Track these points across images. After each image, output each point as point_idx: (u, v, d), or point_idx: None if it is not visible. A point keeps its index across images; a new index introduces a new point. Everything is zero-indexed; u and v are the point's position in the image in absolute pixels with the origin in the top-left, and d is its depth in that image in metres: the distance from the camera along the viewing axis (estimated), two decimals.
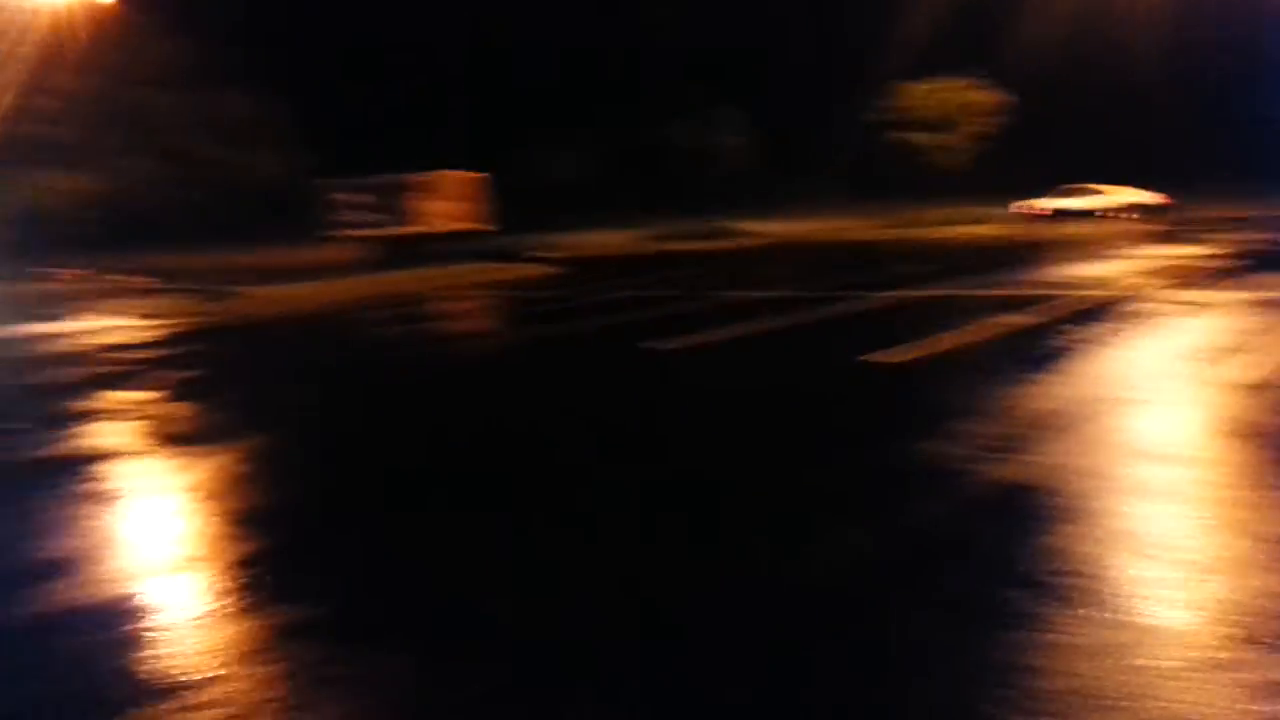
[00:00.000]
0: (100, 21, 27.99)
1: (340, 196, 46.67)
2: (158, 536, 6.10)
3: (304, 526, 6.13)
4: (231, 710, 3.71)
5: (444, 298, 22.64)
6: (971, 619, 4.15)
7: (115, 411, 10.37)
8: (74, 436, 9.06)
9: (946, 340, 11.13)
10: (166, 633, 4.46)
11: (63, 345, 17.43)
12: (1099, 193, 35.02)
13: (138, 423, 9.70)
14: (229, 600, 4.81)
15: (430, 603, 4.75)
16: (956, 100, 38.34)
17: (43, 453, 8.47)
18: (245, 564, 5.33)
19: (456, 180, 45.43)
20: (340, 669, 4.03)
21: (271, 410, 10.34)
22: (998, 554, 4.81)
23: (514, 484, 6.79)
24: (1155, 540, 4.83)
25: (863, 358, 10.20)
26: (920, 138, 38.76)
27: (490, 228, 43.72)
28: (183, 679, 3.99)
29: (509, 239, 40.01)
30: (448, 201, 45.45)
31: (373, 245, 45.28)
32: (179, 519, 6.39)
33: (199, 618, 4.62)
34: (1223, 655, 3.70)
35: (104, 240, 40.57)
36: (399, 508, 6.41)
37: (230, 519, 6.22)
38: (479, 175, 45.05)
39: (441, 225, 44.68)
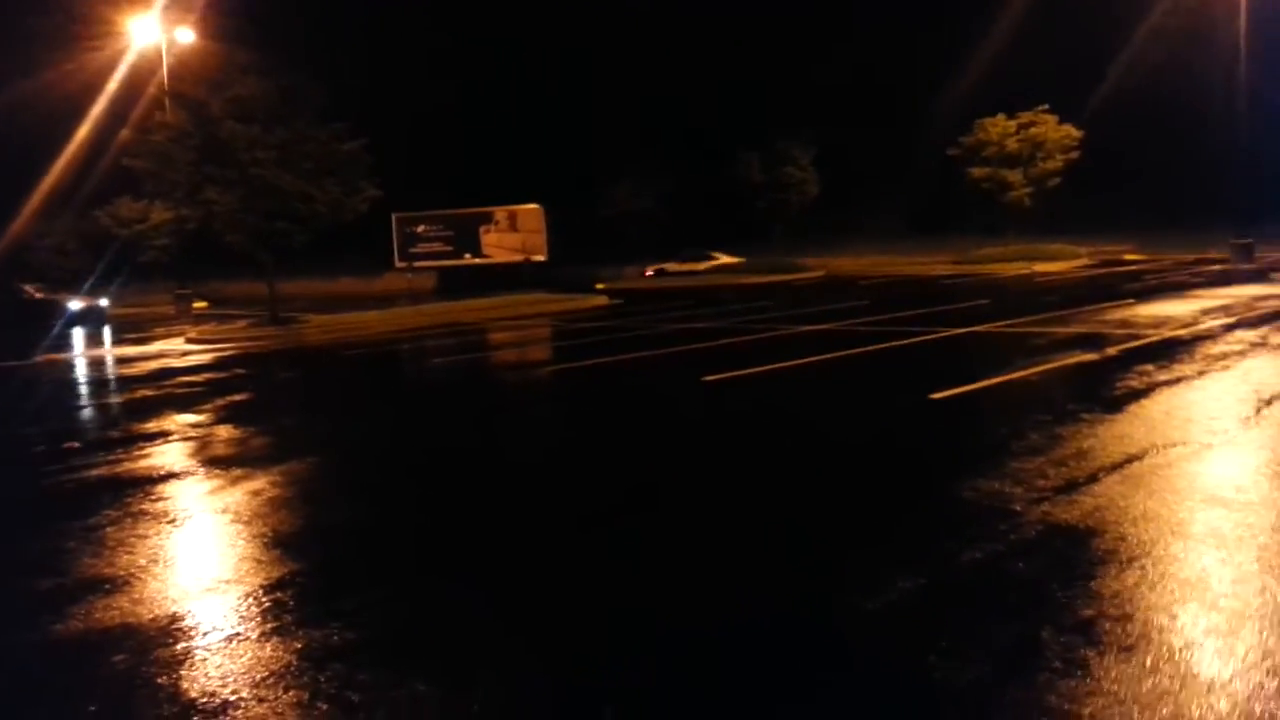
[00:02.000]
0: (190, 59, 29.21)
1: (413, 229, 47.93)
2: (195, 557, 6.14)
3: (337, 551, 6.11)
4: None
5: (504, 327, 22.81)
6: (1025, 664, 3.91)
7: (171, 433, 10.57)
8: (129, 458, 9.25)
9: (1012, 375, 10.79)
10: (198, 654, 4.45)
11: (132, 368, 17.96)
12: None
13: (190, 444, 9.88)
14: (258, 623, 4.79)
15: (461, 631, 4.67)
16: (1035, 135, 37.61)
17: (97, 473, 8.66)
18: (276, 586, 5.32)
19: (525, 214, 46.18)
20: (365, 695, 3.96)
21: (319, 435, 10.44)
22: (1053, 596, 4.55)
23: (558, 515, 6.70)
24: (1215, 588, 4.53)
25: (930, 395, 9.89)
26: (994, 172, 38.07)
27: (553, 259, 44.31)
28: (209, 701, 3.96)
29: (575, 270, 40.39)
30: (516, 234, 46.21)
31: (441, 275, 46.34)
32: (217, 541, 6.42)
33: (229, 639, 4.60)
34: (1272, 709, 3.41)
35: (187, 269, 42.08)
36: (435, 535, 6.36)
37: (265, 542, 6.23)
38: (547, 209, 45.74)
39: (509, 256, 45.44)
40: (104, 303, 31.32)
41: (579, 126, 50.80)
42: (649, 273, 43.66)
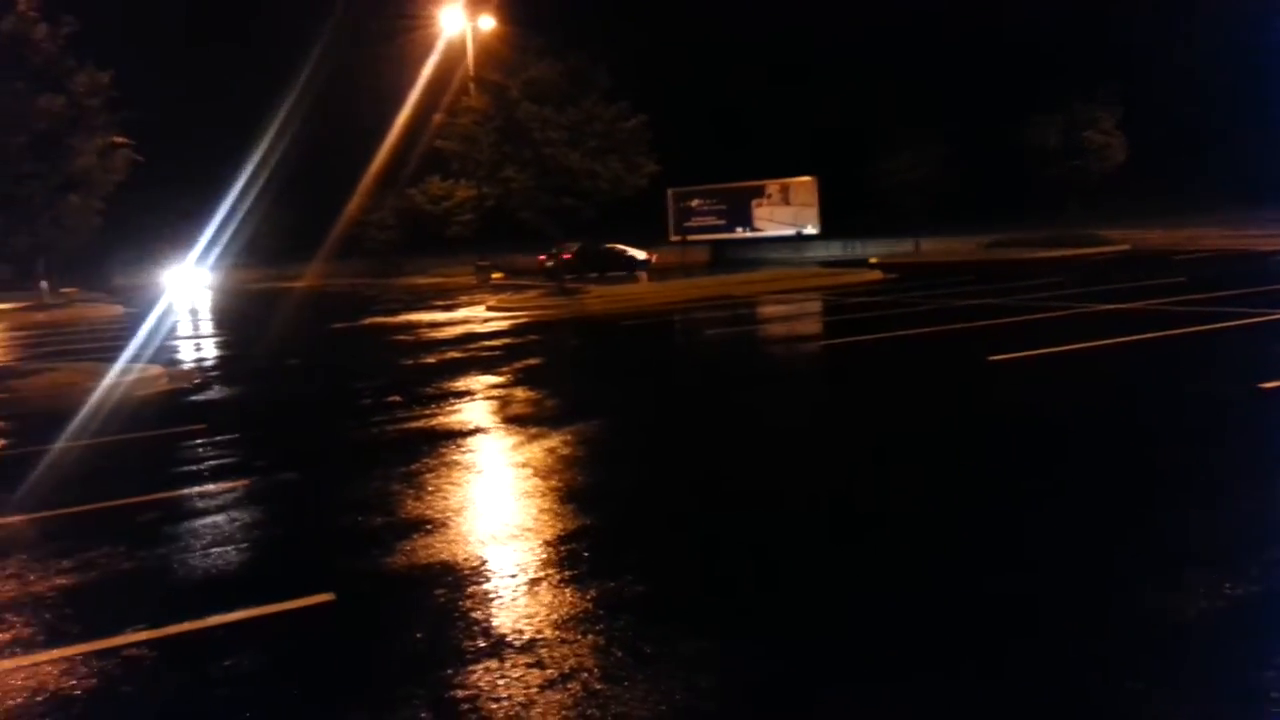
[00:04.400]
0: (491, 45, 31.54)
1: (688, 203, 49.06)
2: (500, 506, 6.70)
3: (625, 508, 6.45)
4: (550, 673, 3.97)
5: (776, 300, 22.80)
6: None
7: (472, 393, 11.56)
8: (436, 414, 10.22)
9: None
10: (505, 594, 4.89)
11: (442, 332, 19.78)
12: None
13: (488, 403, 10.76)
14: (556, 570, 5.17)
15: (742, 593, 4.79)
16: None
17: (413, 425, 9.66)
18: (571, 538, 5.71)
19: (797, 186, 45.84)
20: (650, 646, 4.17)
21: (604, 399, 11.00)
22: None
23: (830, 490, 6.67)
24: None
25: (1260, 384, 8.79)
26: None
27: (825, 232, 43.64)
28: (511, 638, 4.34)
29: (848, 243, 39.56)
30: (788, 206, 46.02)
31: (715, 248, 47.15)
32: (518, 492, 6.98)
33: (528, 583, 5.01)
34: None
35: (486, 242, 45.53)
36: (713, 498, 6.54)
37: (560, 496, 6.69)
38: (821, 180, 45.08)
39: (780, 229, 45.37)
40: (644, 255, 37.19)
41: (856, 94, 49.33)
42: (542, 257, 37.75)
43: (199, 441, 9.40)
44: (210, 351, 18.63)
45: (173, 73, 50.95)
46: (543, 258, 36.89)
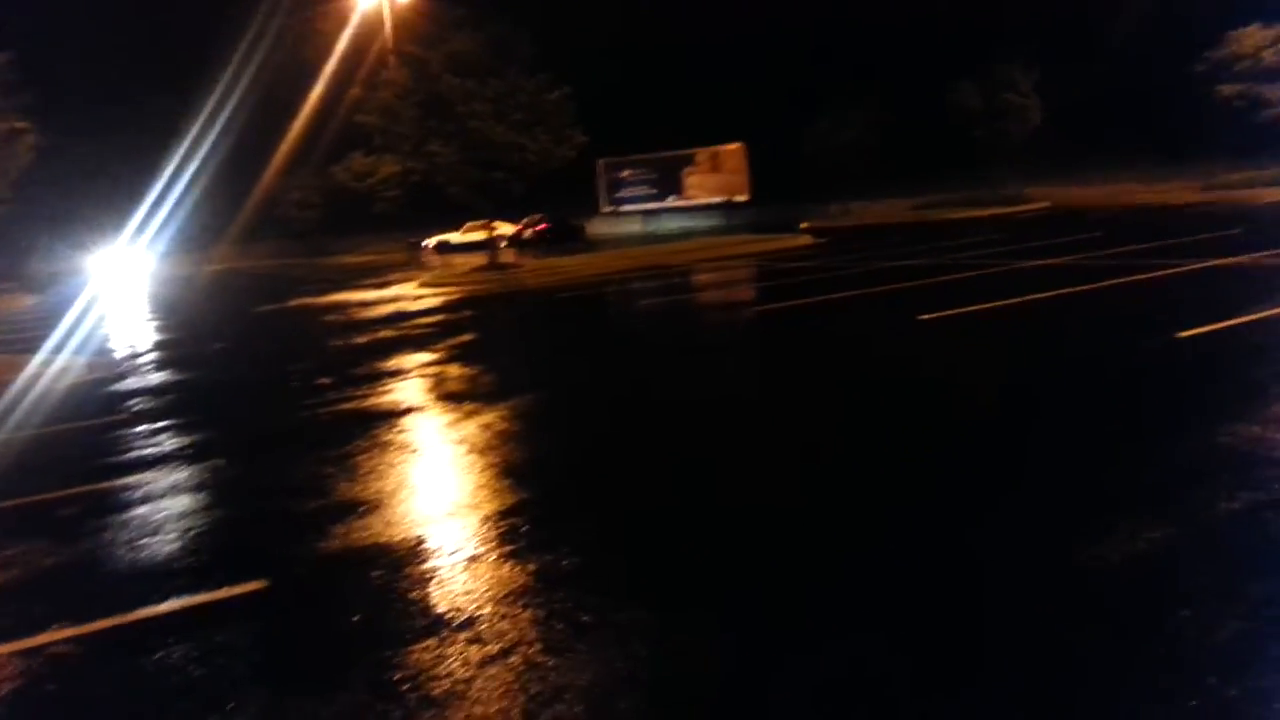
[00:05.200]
0: (406, 17, 30.83)
1: (619, 174, 48.84)
2: (436, 485, 6.63)
3: (562, 481, 6.43)
4: (490, 649, 3.94)
5: (708, 269, 22.88)
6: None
7: (404, 371, 11.39)
8: (368, 395, 10.06)
9: (1274, 311, 9.74)
10: (443, 573, 4.84)
11: (367, 312, 19.44)
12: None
13: (422, 381, 10.62)
14: (491, 546, 5.13)
15: (678, 562, 4.81)
16: None
17: (345, 406, 9.49)
18: (507, 514, 5.67)
19: (726, 154, 45.92)
20: (590, 617, 4.18)
21: (540, 374, 10.93)
22: None
23: (771, 454, 6.73)
24: None
25: (1177, 334, 9.09)
26: (1247, 89, 33.99)
27: (755, 199, 43.85)
28: (450, 616, 4.30)
29: (777, 209, 39.78)
30: (717, 174, 46.09)
31: (645, 218, 47.08)
32: (454, 470, 6.91)
33: (466, 561, 4.96)
34: None
35: (414, 218, 44.78)
36: (648, 470, 6.55)
37: (497, 471, 6.64)
38: (747, 147, 45.20)
39: (710, 197, 45.45)
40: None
41: (780, 59, 49.45)
42: (429, 244, 43.11)
43: (122, 432, 9.11)
44: (132, 339, 18.04)
45: (82, 54, 48.82)
46: (519, 227, 38.19)
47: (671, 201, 46.99)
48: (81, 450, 8.54)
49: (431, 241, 44.10)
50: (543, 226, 40.84)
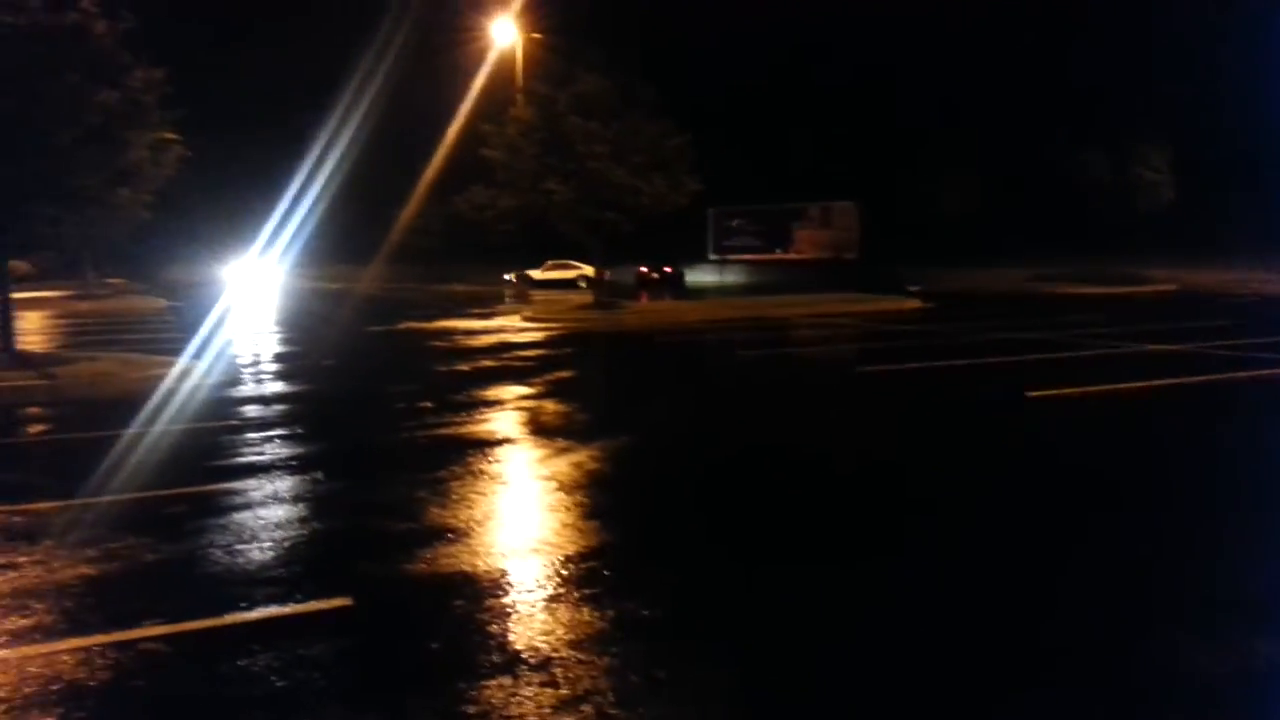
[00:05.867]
0: (538, 55, 31.83)
1: (729, 223, 49.04)
2: (523, 518, 6.66)
3: (646, 528, 6.38)
4: (564, 694, 3.90)
5: (810, 325, 22.65)
6: None
7: (502, 402, 11.55)
8: (467, 421, 10.22)
9: None
10: (523, 609, 4.83)
11: (471, 340, 19.86)
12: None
13: (518, 414, 10.74)
14: (572, 588, 5.10)
15: (763, 624, 4.69)
16: None
17: (442, 432, 9.66)
18: (590, 555, 5.65)
19: (838, 210, 45.65)
20: (665, 673, 4.09)
21: (634, 415, 10.94)
22: None
23: (864, 515, 6.55)
24: None
25: None
26: None
27: (865, 259, 43.34)
28: (527, 655, 4.28)
29: (883, 270, 39.22)
30: (828, 230, 45.84)
31: (752, 269, 47.04)
32: (538, 505, 6.93)
33: (546, 600, 4.95)
34: None
35: (525, 252, 45.82)
36: (736, 523, 6.44)
37: (583, 511, 6.63)
38: (858, 206, 44.82)
39: (818, 253, 45.15)
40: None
41: (896, 117, 49.02)
42: (510, 278, 45.44)
43: (230, 438, 9.47)
44: (250, 347, 18.83)
45: (227, 74, 51.94)
46: (644, 269, 41.35)
47: (778, 254, 46.90)
48: (189, 452, 8.90)
49: (513, 276, 45.92)
50: (668, 269, 41.84)
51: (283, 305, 34.73)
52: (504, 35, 34.40)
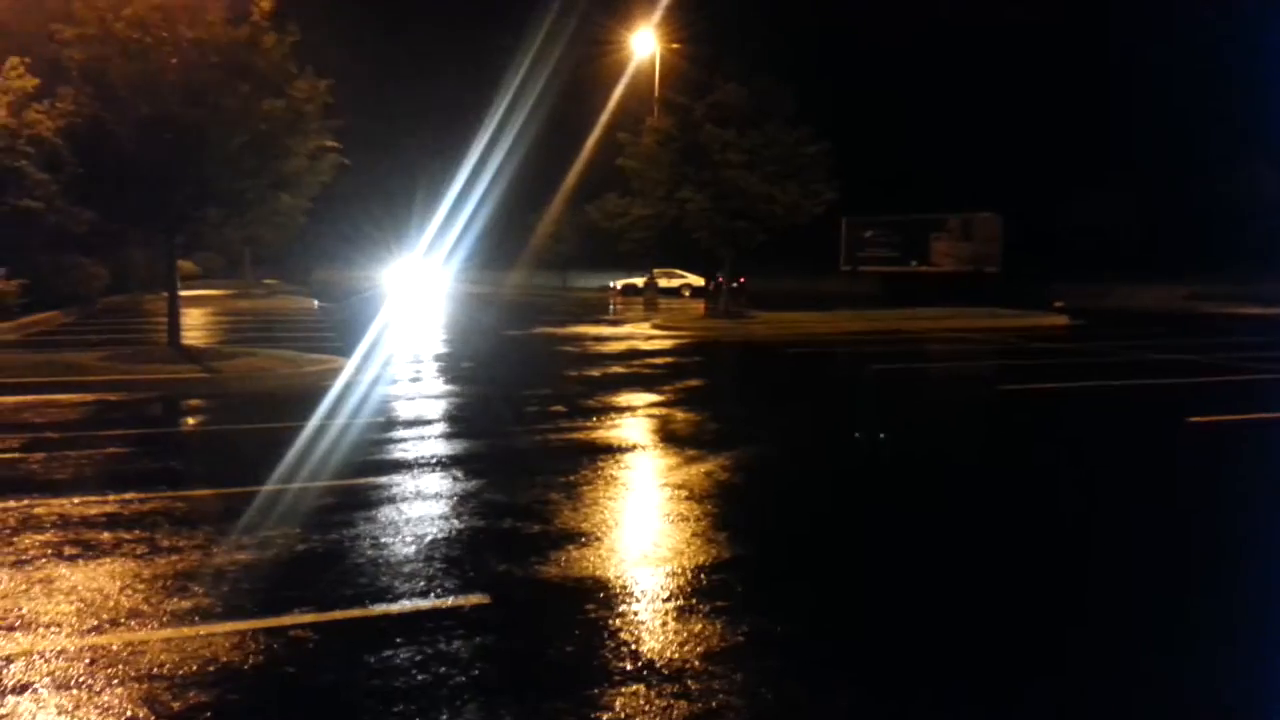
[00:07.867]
0: (677, 65, 32.10)
1: (862, 233, 47.99)
2: (651, 527, 6.65)
3: (779, 542, 6.27)
4: (696, 707, 3.86)
5: (949, 340, 21.92)
6: None
7: (633, 408, 11.61)
8: (598, 426, 10.31)
9: None
10: (656, 618, 4.82)
11: (601, 346, 20.07)
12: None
13: (649, 421, 10.76)
14: (705, 599, 5.05)
15: (898, 645, 4.54)
16: None
17: (575, 436, 9.77)
18: (723, 567, 5.59)
19: (979, 222, 44.00)
20: (800, 691, 4.01)
21: (764, 426, 10.80)
22: None
23: (1009, 541, 6.27)
24: None
25: None
26: None
27: (1007, 272, 41.63)
28: (659, 665, 4.26)
29: (1029, 285, 37.65)
30: (968, 243, 44.23)
31: (888, 281, 45.88)
32: (670, 514, 6.90)
33: (679, 610, 4.91)
34: None
35: (656, 260, 46.16)
36: (868, 541, 6.26)
37: (713, 522, 6.57)
38: (999, 218, 43.09)
39: (958, 266, 43.65)
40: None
41: (1044, 126, 46.92)
42: (616, 285, 47.11)
43: (375, 435, 9.83)
44: (394, 349, 19.58)
45: (382, 86, 54.41)
46: (720, 279, 40.15)
47: (915, 266, 45.60)
48: (336, 447, 9.29)
49: (619, 284, 46.72)
50: (740, 281, 40.99)
51: (427, 308, 36.00)
52: (644, 46, 34.79)
